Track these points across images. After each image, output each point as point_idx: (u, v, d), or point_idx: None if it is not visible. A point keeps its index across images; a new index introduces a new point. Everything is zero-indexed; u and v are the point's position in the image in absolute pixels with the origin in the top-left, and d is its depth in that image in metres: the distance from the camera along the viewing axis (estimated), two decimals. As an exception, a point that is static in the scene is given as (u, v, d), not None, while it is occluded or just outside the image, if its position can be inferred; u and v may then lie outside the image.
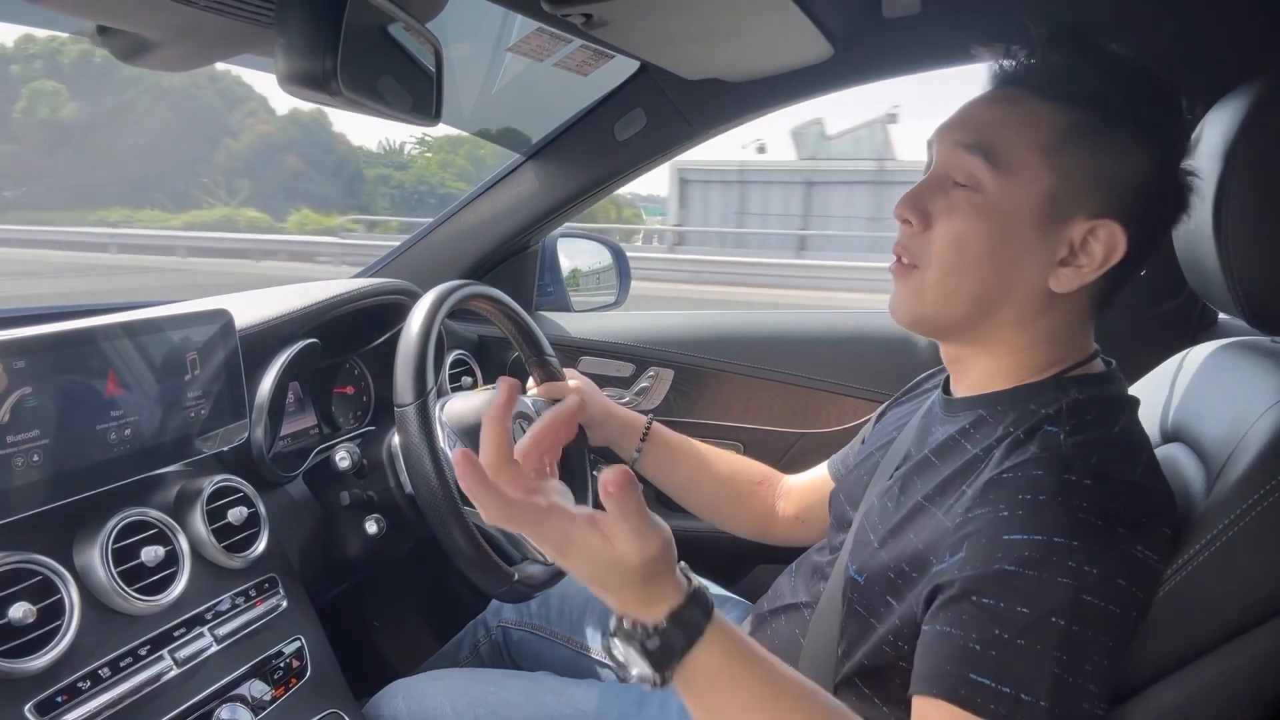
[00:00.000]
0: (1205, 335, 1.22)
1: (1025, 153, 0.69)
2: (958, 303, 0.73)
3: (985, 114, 0.73)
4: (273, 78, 0.73)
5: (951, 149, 0.72)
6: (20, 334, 0.71)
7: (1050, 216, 0.69)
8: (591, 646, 1.14)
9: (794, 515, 1.12)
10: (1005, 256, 0.71)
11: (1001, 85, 0.74)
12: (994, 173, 0.70)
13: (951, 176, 0.72)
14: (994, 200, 0.70)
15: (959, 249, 0.71)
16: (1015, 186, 0.69)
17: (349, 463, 1.04)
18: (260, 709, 0.85)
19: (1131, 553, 0.61)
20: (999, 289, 0.72)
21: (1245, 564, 0.63)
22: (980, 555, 0.62)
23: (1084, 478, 0.63)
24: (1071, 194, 0.69)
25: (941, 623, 0.63)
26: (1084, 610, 0.59)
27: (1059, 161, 0.69)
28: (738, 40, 1.11)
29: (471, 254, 1.50)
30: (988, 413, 0.74)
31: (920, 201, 0.74)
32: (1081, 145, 0.69)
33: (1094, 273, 0.70)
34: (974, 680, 0.59)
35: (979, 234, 0.71)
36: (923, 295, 0.74)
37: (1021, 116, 0.70)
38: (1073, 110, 0.69)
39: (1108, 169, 0.69)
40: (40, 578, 0.72)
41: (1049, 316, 0.73)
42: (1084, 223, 0.69)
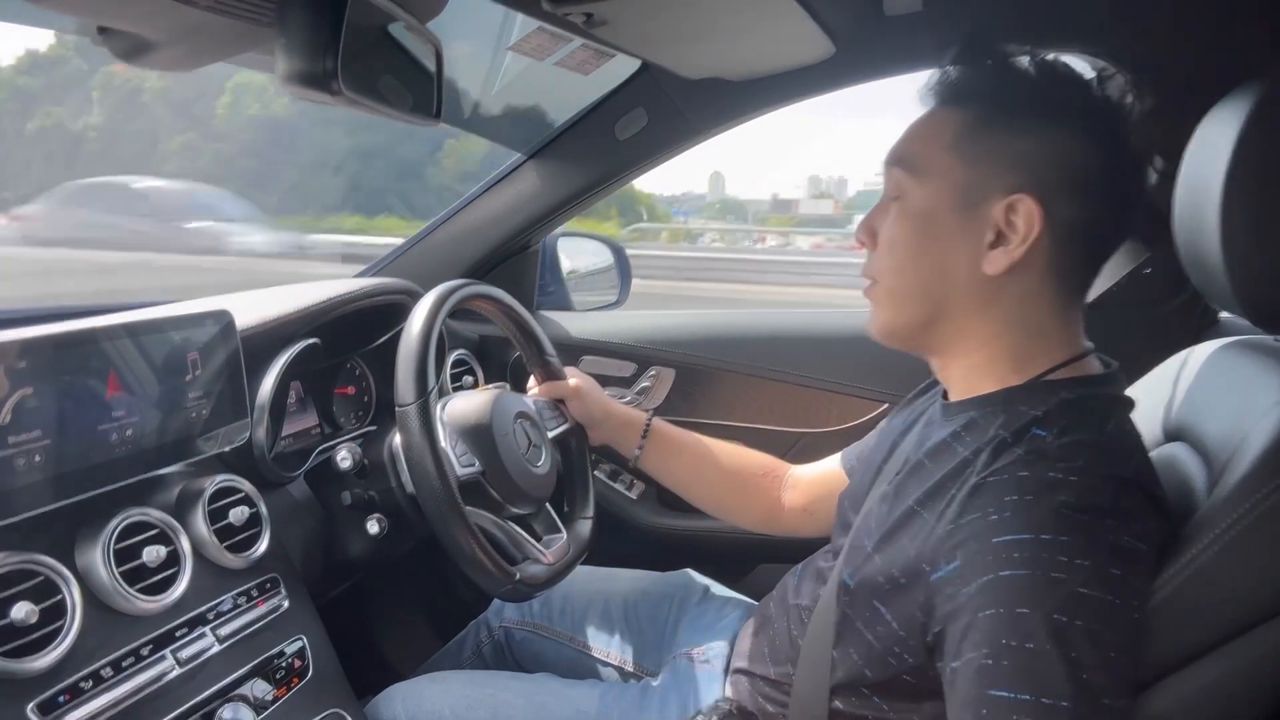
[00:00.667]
0: (1207, 334, 1.21)
1: (935, 153, 0.75)
2: (907, 303, 0.78)
3: (907, 132, 0.79)
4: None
5: (885, 171, 0.80)
6: (21, 334, 0.71)
7: (966, 202, 0.73)
8: (594, 646, 1.14)
9: (801, 507, 1.12)
10: (934, 249, 0.75)
11: (925, 104, 0.80)
12: (913, 178, 0.76)
13: (890, 195, 0.79)
14: (915, 202, 0.76)
15: (893, 252, 0.78)
16: (931, 184, 0.75)
17: (350, 463, 1.04)
18: (262, 709, 0.85)
19: (1120, 543, 0.61)
20: (937, 281, 0.76)
21: (1247, 563, 0.63)
22: (975, 565, 0.63)
23: (1068, 474, 0.63)
24: (981, 178, 0.73)
25: (959, 654, 0.63)
26: (1082, 603, 0.59)
27: (965, 151, 0.74)
28: (739, 39, 1.10)
29: (472, 253, 1.50)
30: (978, 414, 0.75)
31: (870, 222, 0.81)
32: (984, 133, 0.74)
33: (1020, 248, 0.71)
34: (993, 696, 0.59)
35: (907, 234, 0.77)
36: (881, 305, 0.80)
37: (931, 123, 0.77)
38: (973, 108, 0.75)
39: (1015, 146, 0.73)
40: (42, 578, 0.72)
41: (1000, 305, 0.74)
42: (1000, 200, 0.71)
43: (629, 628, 1.13)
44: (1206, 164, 0.71)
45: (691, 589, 1.15)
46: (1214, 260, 0.71)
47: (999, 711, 0.59)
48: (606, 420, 1.17)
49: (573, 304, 1.68)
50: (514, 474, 1.02)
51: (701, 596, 1.14)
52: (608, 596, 1.16)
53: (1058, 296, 0.74)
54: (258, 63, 0.98)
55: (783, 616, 0.92)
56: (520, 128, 1.53)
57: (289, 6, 0.70)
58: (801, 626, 0.87)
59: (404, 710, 0.97)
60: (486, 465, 1.00)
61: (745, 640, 0.98)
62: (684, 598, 1.14)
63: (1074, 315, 0.76)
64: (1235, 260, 0.70)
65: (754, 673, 0.92)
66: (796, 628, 0.88)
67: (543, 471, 1.07)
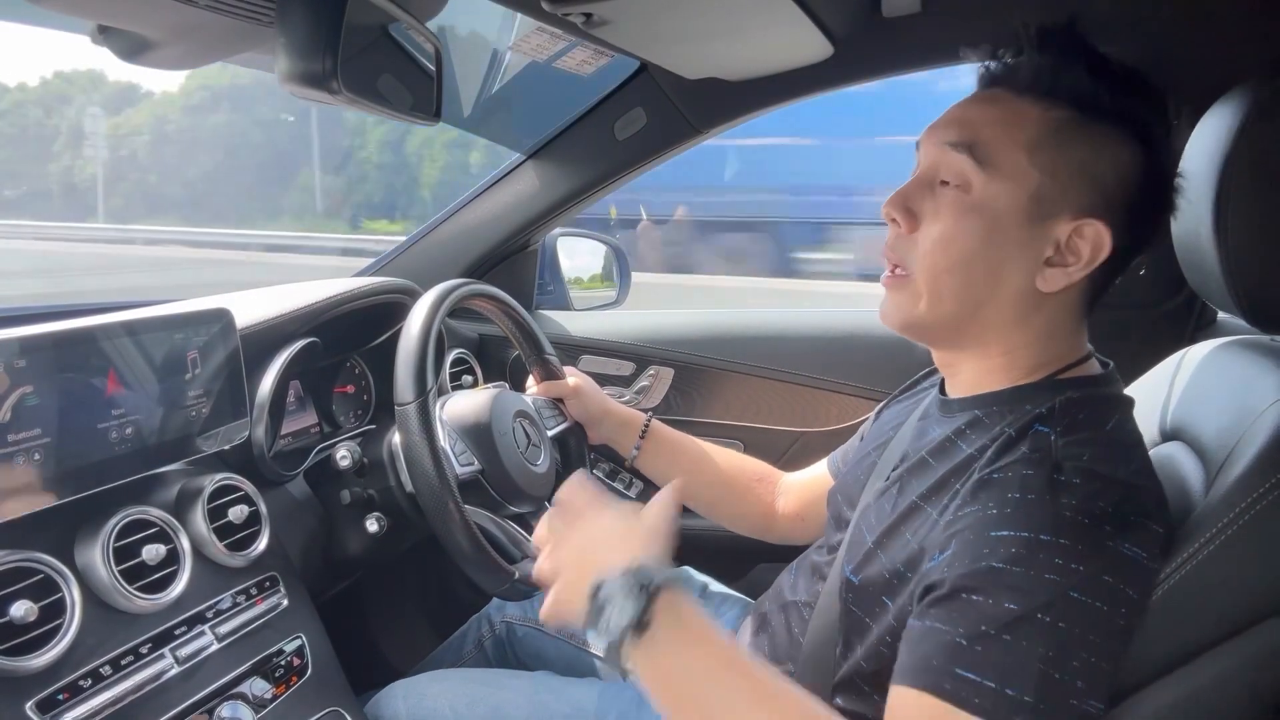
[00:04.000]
0: (1204, 334, 1.22)
1: (1011, 150, 0.70)
2: (947, 304, 0.73)
3: (972, 114, 0.73)
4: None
5: (939, 148, 0.73)
6: (21, 333, 0.71)
7: (1037, 215, 0.70)
8: (592, 646, 1.14)
9: (794, 513, 1.12)
10: (993, 255, 0.71)
11: (989, 86, 0.74)
12: (981, 171, 0.70)
13: (938, 176, 0.73)
14: (981, 198, 0.70)
15: (946, 248, 0.71)
16: (1002, 184, 0.70)
17: (349, 461, 1.04)
18: (261, 707, 0.85)
19: (1119, 551, 0.61)
20: (987, 289, 0.72)
21: (1245, 562, 0.63)
22: (969, 552, 0.63)
23: (1072, 476, 0.63)
24: (1058, 192, 0.69)
25: (930, 618, 0.63)
26: (1070, 607, 0.59)
27: (1045, 159, 0.69)
28: (738, 39, 1.11)
29: (472, 253, 1.51)
30: (983, 413, 0.74)
31: (908, 201, 0.74)
32: (1067, 142, 0.69)
33: (1080, 272, 0.70)
34: (960, 675, 0.60)
35: (966, 233, 0.71)
36: (915, 300, 0.74)
37: (1007, 115, 0.71)
38: (1058, 108, 0.70)
39: (1093, 167, 0.69)
40: (42, 576, 0.72)
41: (1038, 316, 0.73)
42: (1069, 222, 0.69)
43: None
44: (1204, 164, 0.72)
45: (689, 587, 1.15)
46: (1211, 261, 0.72)
47: (961, 689, 0.59)
48: (605, 419, 1.17)
49: (572, 303, 1.68)
50: (513, 473, 1.02)
51: (699, 595, 1.14)
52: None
53: (1085, 306, 0.74)
54: (258, 62, 0.98)
55: (781, 614, 0.92)
56: (519, 127, 1.53)
57: (289, 6, 0.70)
58: (803, 624, 0.87)
59: (405, 708, 0.97)
60: (486, 464, 1.00)
61: (744, 639, 0.98)
62: None
63: (1085, 321, 0.76)
64: (1232, 260, 0.70)
65: None
66: (797, 625, 0.88)
67: (541, 470, 1.07)
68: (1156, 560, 0.63)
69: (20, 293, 5.48)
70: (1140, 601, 0.62)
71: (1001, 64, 0.73)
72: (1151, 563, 0.63)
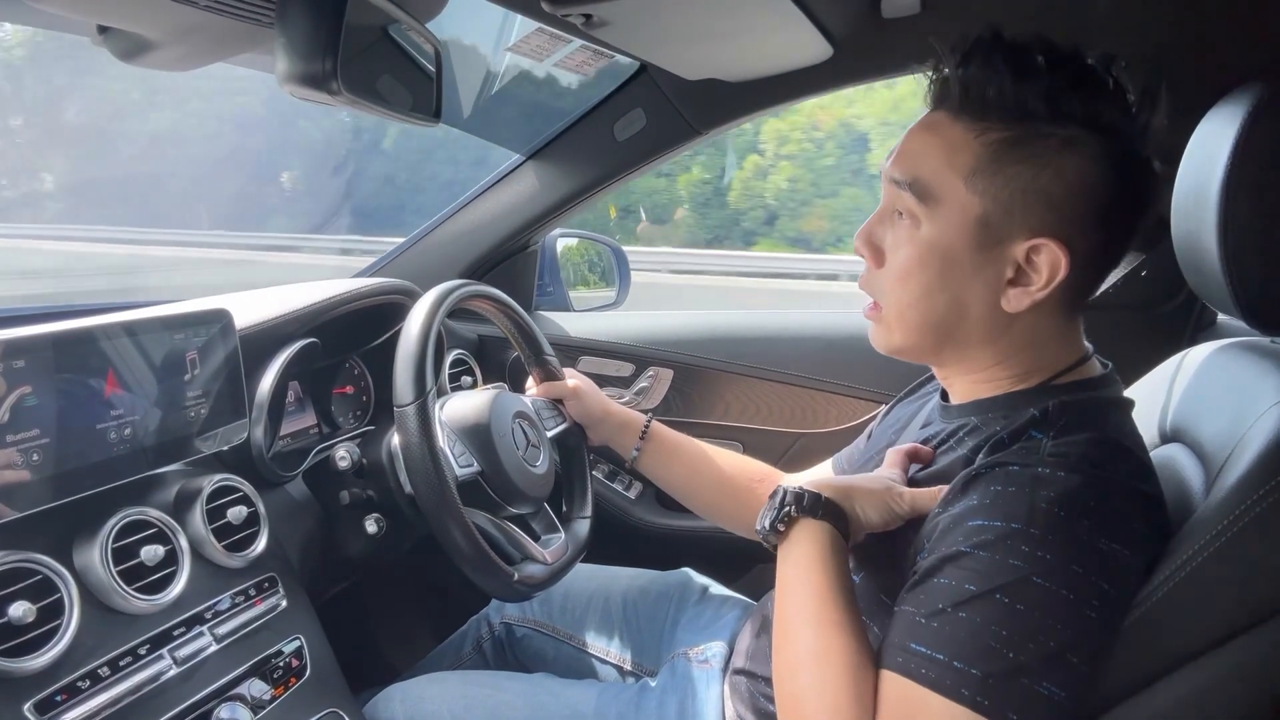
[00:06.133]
0: (1204, 336, 1.22)
1: (951, 182, 0.70)
2: (917, 332, 0.75)
3: (914, 145, 0.73)
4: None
5: (888, 184, 0.74)
6: (20, 333, 0.71)
7: (987, 241, 0.70)
8: (593, 645, 1.14)
9: None
10: (951, 285, 0.72)
11: (932, 108, 0.74)
12: (924, 206, 0.71)
13: (894, 209, 0.74)
14: (929, 233, 0.71)
15: (905, 283, 0.73)
16: (946, 217, 0.71)
17: (349, 462, 1.04)
18: (260, 708, 0.85)
19: (1094, 544, 0.61)
20: (953, 315, 0.73)
21: (1245, 564, 0.63)
22: (944, 541, 0.65)
23: (1056, 471, 0.63)
24: (1004, 216, 0.69)
25: (903, 604, 0.65)
26: (1031, 591, 0.59)
27: (984, 184, 0.69)
28: (737, 40, 1.11)
29: (471, 254, 1.51)
30: (980, 420, 0.75)
31: (871, 237, 0.76)
32: (1006, 164, 0.68)
33: (1042, 292, 0.70)
34: (913, 649, 0.61)
35: (921, 267, 0.72)
36: (890, 330, 0.76)
37: (945, 144, 0.71)
38: (993, 129, 0.69)
39: (1036, 186, 0.68)
40: (40, 577, 0.72)
41: (1014, 331, 0.73)
42: (1023, 243, 0.69)
43: (628, 627, 1.14)
44: (1204, 166, 0.72)
45: (690, 588, 1.15)
46: (1211, 263, 0.72)
47: (912, 661, 0.61)
48: (605, 420, 1.17)
49: (571, 304, 1.68)
50: (512, 474, 1.02)
51: (700, 596, 1.14)
52: (607, 595, 1.17)
53: (1066, 312, 0.74)
54: (257, 63, 0.98)
55: None
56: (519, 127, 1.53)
57: (289, 6, 0.70)
58: None
59: (402, 710, 0.97)
60: (485, 465, 1.00)
61: (746, 640, 0.98)
62: (682, 597, 1.14)
63: (1077, 322, 0.76)
64: (1232, 263, 0.70)
65: (755, 673, 0.92)
66: None
67: (541, 471, 1.07)
68: (1140, 558, 0.63)
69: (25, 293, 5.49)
70: (1118, 597, 0.62)
71: (934, 82, 0.73)
72: (1134, 560, 0.63)
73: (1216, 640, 0.63)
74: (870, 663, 0.65)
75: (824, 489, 0.73)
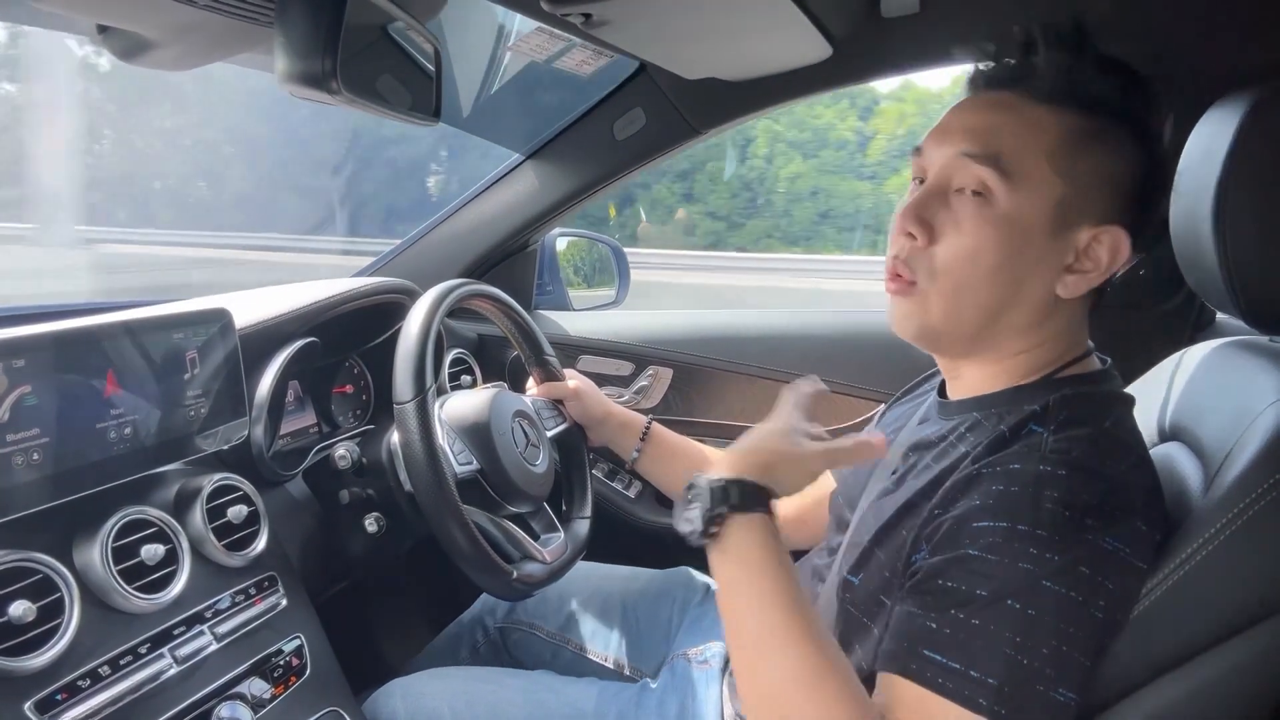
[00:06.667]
0: (1203, 334, 1.22)
1: (1035, 160, 0.68)
2: (966, 315, 0.72)
3: (989, 121, 0.71)
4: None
5: (955, 159, 0.71)
6: (20, 333, 0.71)
7: (1061, 224, 0.69)
8: (590, 649, 1.13)
9: (794, 516, 1.12)
10: (1018, 267, 0.70)
11: (990, 89, 0.73)
12: (1005, 182, 0.68)
13: (952, 185, 0.71)
14: (1006, 210, 0.69)
15: (973, 262, 0.70)
16: (1026, 195, 0.69)
17: (348, 461, 1.04)
18: (260, 707, 0.85)
19: (1099, 544, 0.61)
20: (1009, 299, 0.71)
21: (1243, 562, 0.63)
22: (949, 542, 0.64)
23: (1058, 469, 0.63)
24: (1079, 200, 0.69)
25: (907, 604, 0.65)
26: (1042, 595, 0.59)
27: (1067, 167, 0.68)
28: (737, 40, 1.11)
29: (471, 253, 1.51)
30: (981, 415, 0.75)
31: (924, 213, 0.72)
32: (1084, 149, 0.69)
33: (1100, 278, 0.71)
34: (926, 656, 0.61)
35: (993, 245, 0.69)
36: (928, 310, 0.73)
37: (1027, 123, 0.69)
38: (1071, 113, 0.69)
39: (1110, 173, 0.69)
40: (40, 576, 0.72)
41: (1052, 321, 0.73)
42: (1090, 229, 0.70)
43: (626, 628, 1.13)
44: (1203, 165, 0.72)
45: (690, 588, 1.15)
46: (1210, 261, 0.72)
47: (927, 669, 0.60)
48: (605, 421, 1.17)
49: (571, 303, 1.68)
50: (512, 472, 1.02)
51: (700, 597, 1.14)
52: (605, 595, 1.16)
53: (1088, 309, 0.75)
54: (257, 62, 0.98)
55: None
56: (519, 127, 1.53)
57: (288, 6, 0.70)
58: None
59: (403, 706, 0.97)
60: (484, 464, 1.00)
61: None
62: (683, 597, 1.14)
63: (1088, 319, 0.76)
64: (1231, 261, 0.70)
65: None
66: None
67: (540, 470, 1.07)
68: (1142, 556, 0.63)
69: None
70: (1123, 596, 0.62)
71: (1008, 66, 0.72)
72: (1136, 558, 0.63)
73: (1215, 639, 0.63)
74: (851, 670, 0.65)
75: (745, 470, 0.70)
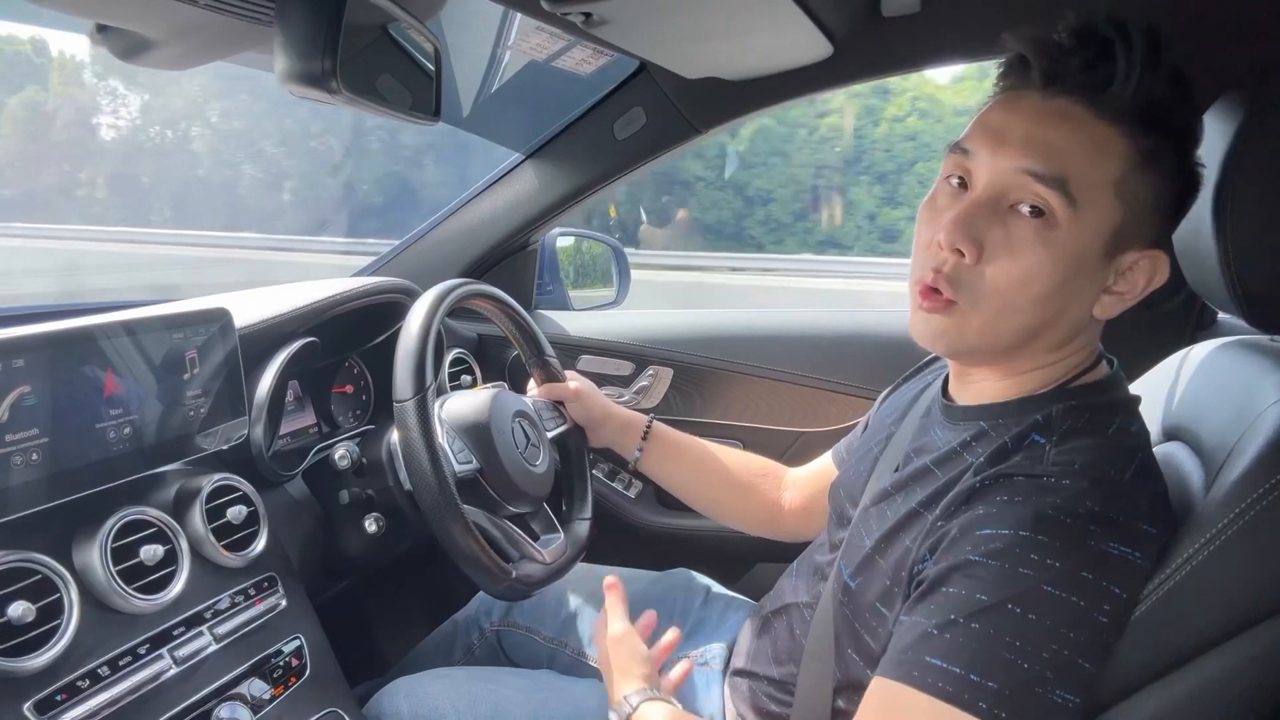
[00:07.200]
0: (1205, 334, 1.21)
1: (1101, 186, 0.65)
2: (1005, 336, 0.69)
3: (1055, 137, 0.65)
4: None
5: (1016, 175, 0.66)
6: (19, 332, 0.71)
7: (1113, 249, 0.67)
8: (588, 651, 1.13)
9: (800, 507, 1.12)
10: (1068, 292, 0.67)
11: (1058, 94, 0.66)
12: (1070, 208, 0.64)
13: (1007, 201, 0.67)
14: (1069, 237, 0.65)
15: (1026, 287, 0.66)
16: (1089, 221, 0.65)
17: (348, 461, 1.04)
18: (259, 708, 0.85)
19: (1103, 549, 0.61)
20: (1050, 320, 0.69)
21: (1244, 562, 0.63)
22: (952, 550, 0.64)
23: (1061, 478, 0.63)
24: (1134, 226, 0.66)
25: (910, 613, 0.65)
26: (1043, 600, 0.59)
27: (1128, 192, 0.65)
28: (737, 39, 1.10)
29: (471, 253, 1.51)
30: (989, 425, 0.74)
31: (974, 232, 0.66)
32: (1147, 174, 0.65)
33: (1134, 299, 0.69)
34: (927, 662, 0.61)
35: (1048, 272, 0.65)
36: (964, 330, 0.69)
37: (1097, 144, 0.64)
38: (1143, 134, 0.65)
39: (1162, 198, 0.67)
40: (39, 576, 0.72)
41: (1084, 335, 0.72)
42: (1138, 253, 0.68)
43: None
44: (1203, 166, 0.71)
45: (690, 590, 1.15)
46: (1211, 261, 0.72)
47: (928, 675, 0.60)
48: (607, 422, 1.17)
49: (571, 303, 1.68)
50: (511, 472, 1.02)
51: (702, 599, 1.13)
52: (604, 597, 1.16)
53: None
54: (257, 62, 0.98)
55: (783, 616, 0.92)
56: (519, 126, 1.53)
57: (288, 5, 0.70)
58: (804, 625, 0.87)
59: (406, 706, 0.97)
60: (484, 463, 1.00)
61: (746, 641, 0.98)
62: (684, 600, 1.13)
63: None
64: (1232, 261, 0.70)
65: (756, 673, 0.92)
66: (799, 626, 0.88)
67: (540, 471, 1.07)
68: (1149, 560, 0.63)
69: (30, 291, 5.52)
70: (1129, 600, 0.62)
71: (1077, 71, 0.65)
72: (1143, 562, 0.63)
73: (1216, 639, 0.63)
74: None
75: (625, 687, 0.83)
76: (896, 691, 0.62)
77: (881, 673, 0.64)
